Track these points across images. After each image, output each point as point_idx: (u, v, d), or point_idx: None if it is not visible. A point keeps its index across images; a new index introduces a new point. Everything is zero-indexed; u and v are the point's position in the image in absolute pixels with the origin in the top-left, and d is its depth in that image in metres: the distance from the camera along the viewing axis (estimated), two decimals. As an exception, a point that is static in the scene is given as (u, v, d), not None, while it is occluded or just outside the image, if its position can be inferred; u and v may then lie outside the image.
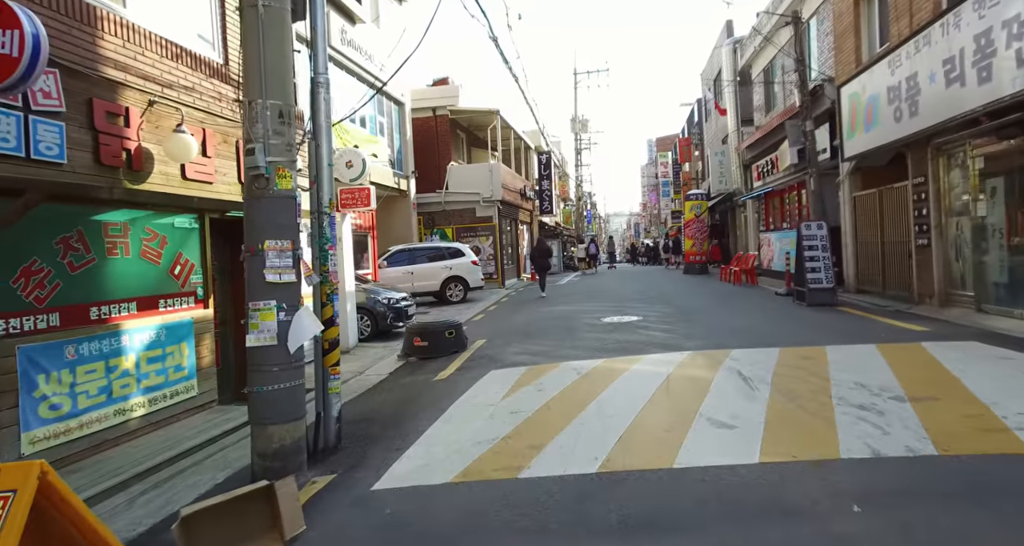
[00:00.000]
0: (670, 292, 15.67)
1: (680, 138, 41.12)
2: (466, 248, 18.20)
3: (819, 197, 13.18)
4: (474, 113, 22.38)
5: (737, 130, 22.67)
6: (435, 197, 21.99)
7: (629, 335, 8.76)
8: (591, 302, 14.11)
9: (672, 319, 10.11)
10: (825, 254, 10.70)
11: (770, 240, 17.69)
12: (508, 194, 23.18)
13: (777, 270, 16.90)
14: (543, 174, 30.69)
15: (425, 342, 8.90)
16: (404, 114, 20.18)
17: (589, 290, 18.51)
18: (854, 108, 11.00)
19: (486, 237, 22.01)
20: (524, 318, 12.04)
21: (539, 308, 13.70)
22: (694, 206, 23.18)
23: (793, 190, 16.44)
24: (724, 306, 11.71)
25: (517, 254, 26.02)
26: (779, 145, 17.00)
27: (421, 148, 22.30)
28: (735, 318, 9.83)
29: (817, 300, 10.50)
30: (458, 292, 17.42)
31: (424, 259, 17.62)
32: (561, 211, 45.55)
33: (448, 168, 21.93)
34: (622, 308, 12.19)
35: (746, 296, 13.34)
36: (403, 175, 19.98)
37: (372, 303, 10.92)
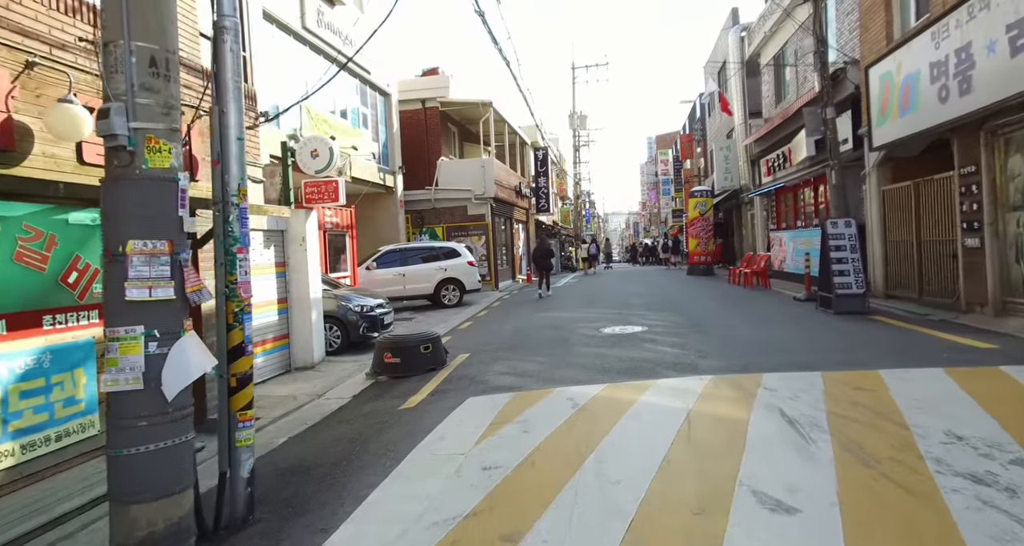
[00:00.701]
0: (676, 296, 14.42)
1: (681, 134, 39.90)
2: (462, 248, 16.96)
3: (841, 192, 11.94)
4: (465, 105, 21.13)
5: (744, 123, 21.43)
6: (424, 194, 20.75)
7: (634, 351, 7.51)
8: (590, 308, 12.86)
9: (682, 330, 8.87)
10: (854, 255, 9.46)
11: (782, 240, 16.46)
12: (502, 191, 21.94)
13: (791, 272, 15.67)
14: (540, 171, 29.42)
15: (397, 359, 7.65)
16: (390, 106, 18.93)
17: (588, 293, 17.26)
18: (885, 91, 9.76)
19: (478, 236, 20.76)
20: (516, 326, 10.79)
21: (533, 314, 12.45)
22: (698, 204, 21.95)
23: (808, 185, 15.21)
24: (739, 314, 10.46)
25: (512, 254, 24.77)
26: (792, 137, 15.77)
27: (409, 142, 21.05)
28: (755, 329, 8.59)
29: (846, 307, 9.26)
30: (454, 295, 16.19)
31: (417, 260, 16.37)
32: (559, 210, 44.32)
33: (438, 163, 20.68)
34: (624, 315, 10.95)
35: (761, 302, 12.10)
36: (389, 171, 18.74)
37: (343, 311, 9.66)
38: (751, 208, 22.96)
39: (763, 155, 19.47)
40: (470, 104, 21.03)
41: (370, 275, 15.71)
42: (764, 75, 19.65)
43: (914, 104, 8.79)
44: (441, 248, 16.80)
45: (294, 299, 8.78)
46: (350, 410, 6.34)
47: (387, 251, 16.36)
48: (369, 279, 15.67)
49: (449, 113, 22.17)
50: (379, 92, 18.30)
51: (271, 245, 8.38)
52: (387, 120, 18.89)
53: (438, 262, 16.32)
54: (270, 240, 8.37)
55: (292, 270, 8.78)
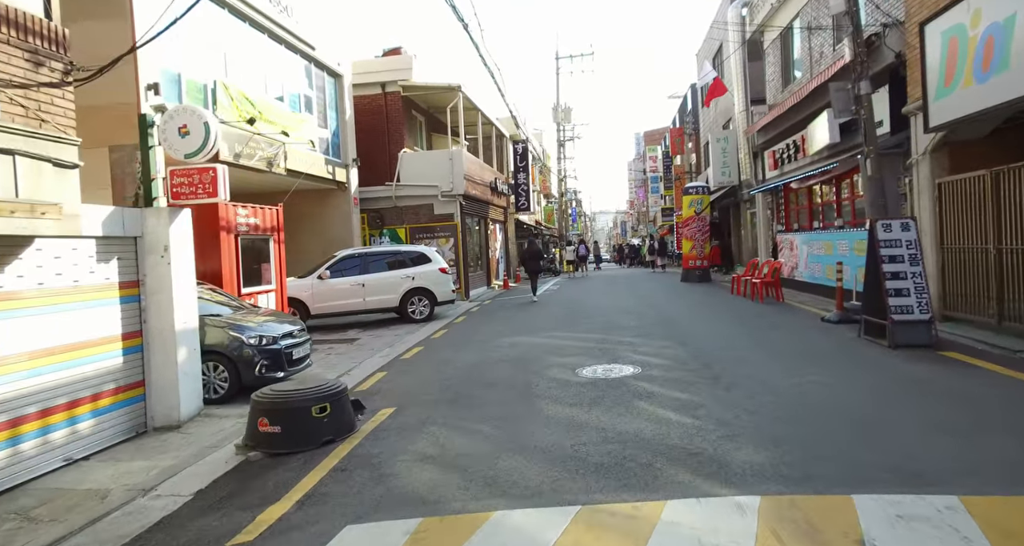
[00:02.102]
0: (673, 312, 12.06)
1: (672, 128, 37.67)
2: (432, 252, 14.51)
3: (879, 185, 9.63)
4: (431, 90, 18.64)
5: (745, 110, 19.13)
6: (384, 191, 18.24)
7: (623, 417, 5.10)
8: (568, 329, 10.45)
9: (689, 374, 6.46)
10: (915, 269, 7.11)
11: (793, 243, 14.16)
12: (474, 188, 19.49)
13: (806, 281, 13.37)
14: (519, 166, 27.01)
15: (276, 427, 5.19)
16: (342, 89, 16.41)
17: (570, 306, 14.84)
18: (952, 51, 7.43)
19: (446, 238, 18.29)
20: (471, 359, 8.35)
21: (498, 338, 10.02)
22: (694, 201, 19.63)
23: (829, 179, 12.89)
24: (759, 344, 8.08)
25: (487, 259, 22.34)
26: (806, 123, 13.46)
27: (367, 132, 18.52)
28: (793, 376, 6.17)
29: (905, 339, 6.91)
30: (423, 308, 13.78)
31: (380, 267, 13.92)
32: (543, 208, 41.93)
33: (400, 156, 18.18)
34: (610, 344, 8.55)
35: (782, 324, 9.73)
36: (341, 163, 16.23)
37: (234, 345, 7.16)
38: (751, 206, 20.70)
39: (768, 146, 17.18)
40: (436, 89, 18.54)
41: (323, 286, 13.26)
42: (769, 55, 17.36)
43: (1003, 63, 6.46)
44: (408, 253, 14.34)
45: (153, 331, 6.29)
46: (169, 529, 3.89)
47: (344, 257, 13.87)
48: (321, 291, 13.22)
49: (414, 99, 19.68)
50: (328, 72, 15.78)
51: (111, 258, 5.89)
52: (338, 105, 16.37)
53: (405, 269, 13.89)
54: (109, 250, 5.87)
55: (151, 292, 6.29)
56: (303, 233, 16.52)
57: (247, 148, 11.52)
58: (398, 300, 13.70)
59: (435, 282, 13.99)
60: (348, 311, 13.56)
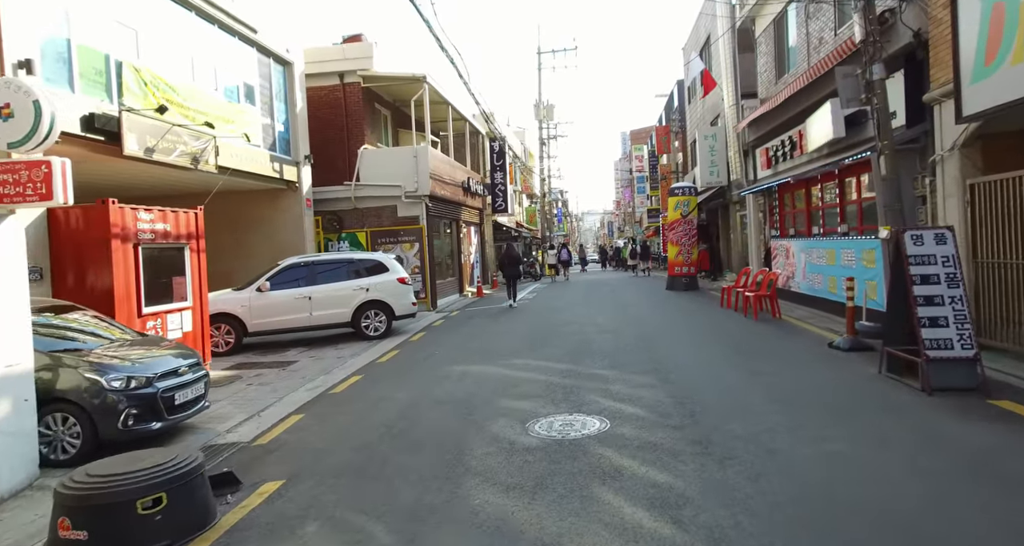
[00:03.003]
0: (656, 331, 10.60)
1: (657, 126, 36.31)
2: (391, 260, 12.97)
3: (895, 187, 8.22)
4: (394, 81, 17.05)
5: (735, 105, 17.72)
6: (343, 191, 16.65)
7: (570, 522, 3.57)
8: (534, 353, 8.93)
9: (673, 435, 4.93)
10: (955, 292, 5.66)
11: (789, 250, 12.75)
12: (442, 188, 17.94)
13: (804, 294, 11.96)
14: (496, 165, 25.47)
15: (82, 532, 3.63)
16: (292, 78, 14.80)
17: (542, 319, 13.34)
18: (996, 20, 6.01)
19: (410, 243, 16.73)
20: (404, 401, 6.81)
21: (447, 367, 8.49)
22: (680, 203, 18.19)
23: (831, 178, 11.48)
24: (760, 382, 6.59)
25: (459, 264, 20.78)
26: (804, 117, 12.05)
27: (324, 126, 16.92)
28: (812, 444, 4.62)
29: (945, 381, 5.47)
30: (379, 323, 12.24)
31: (330, 277, 12.34)
32: (524, 210, 40.45)
33: (359, 153, 16.60)
34: (577, 380, 7.05)
35: (783, 351, 8.23)
36: (291, 161, 14.63)
37: (90, 390, 5.57)
38: (741, 208, 19.31)
39: (761, 143, 15.78)
40: (400, 79, 16.95)
41: (262, 299, 11.68)
42: (761, 45, 15.96)
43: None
44: (363, 261, 12.76)
45: (-42, 379, 4.71)
46: None
47: (288, 267, 12.27)
48: (260, 305, 11.63)
49: (377, 91, 18.09)
50: (275, 59, 14.17)
51: None
52: (288, 96, 14.76)
53: (358, 280, 12.32)
54: None
55: (-45, 325, 4.73)
56: (250, 239, 14.91)
57: (163, 142, 9.88)
58: (350, 314, 12.14)
59: (393, 294, 12.45)
60: (292, 328, 11.97)
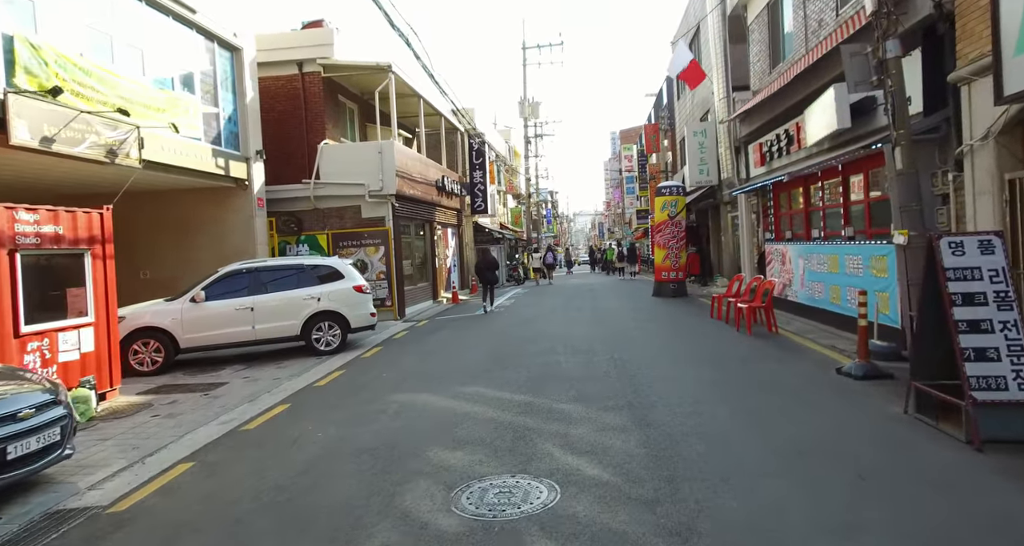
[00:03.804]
0: (636, 349, 9.33)
1: (646, 125, 35.14)
2: (346, 266, 11.64)
3: (913, 183, 7.00)
4: (357, 70, 15.72)
5: (726, 98, 16.52)
6: (301, 190, 15.31)
7: None
8: (490, 379, 7.65)
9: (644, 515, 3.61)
10: (1008, 316, 4.40)
11: (785, 255, 11.54)
12: (412, 186, 16.63)
13: (803, 304, 10.76)
14: (475, 163, 24.19)
15: None
16: (242, 65, 13.44)
17: (510, 333, 12.06)
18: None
19: (375, 247, 15.40)
20: (316, 451, 5.51)
21: (388, 397, 7.19)
22: (667, 203, 16.95)
23: (833, 175, 10.26)
24: (758, 426, 5.33)
25: (433, 269, 19.46)
26: (803, 107, 10.84)
27: (281, 120, 15.59)
28: (837, 535, 3.38)
29: (999, 432, 4.22)
30: (333, 336, 10.96)
31: (277, 286, 11.03)
32: (510, 211, 39.18)
33: (319, 148, 15.26)
34: (532, 421, 5.76)
35: (783, 379, 6.93)
36: (240, 157, 13.28)
37: None
38: (733, 209, 18.13)
39: (754, 138, 14.59)
40: (363, 69, 15.63)
41: (196, 311, 10.35)
42: (753, 32, 14.76)
43: None
44: (315, 267, 11.41)
45: None
46: None
47: (228, 274, 10.92)
48: (193, 317, 10.31)
49: (340, 82, 16.76)
50: (220, 44, 12.82)
51: None
52: (236, 85, 13.41)
53: (309, 288, 11.02)
54: None
55: None
56: (196, 243, 13.55)
57: (68, 131, 8.53)
58: (299, 327, 10.82)
59: (348, 303, 11.14)
60: (232, 343, 10.63)
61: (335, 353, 10.74)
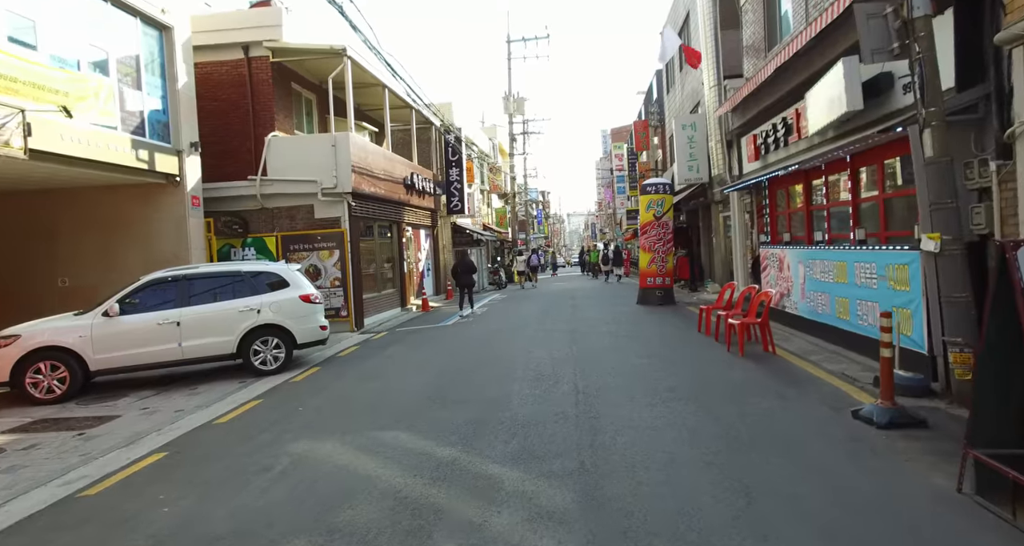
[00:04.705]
0: (605, 380, 7.82)
1: (636, 122, 33.72)
2: (292, 272, 10.15)
3: (947, 175, 5.57)
4: (309, 54, 14.21)
5: (717, 86, 15.09)
6: (247, 188, 13.79)
7: None
8: (416, 420, 6.17)
9: None
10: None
11: (784, 261, 10.11)
12: (373, 184, 15.13)
13: (804, 318, 9.32)
14: (451, 160, 22.71)
15: None
16: (172, 46, 11.88)
17: (468, 352, 10.60)
18: None
19: (329, 251, 13.89)
20: (163, 526, 4.03)
21: (287, 447, 5.71)
22: (653, 202, 15.50)
23: (840, 168, 8.81)
24: (755, 510, 3.88)
25: (401, 274, 17.96)
26: (804, 90, 9.39)
27: (224, 110, 14.05)
28: None
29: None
30: (276, 353, 9.53)
31: (209, 296, 9.54)
32: (494, 211, 37.72)
33: (267, 141, 13.75)
34: (448, 492, 4.30)
35: (788, 427, 5.41)
36: (170, 149, 11.73)
37: None
38: (725, 209, 16.69)
39: (747, 130, 13.15)
40: (316, 52, 14.12)
41: (110, 327, 8.89)
42: (747, 14, 13.32)
43: None
44: (256, 274, 9.91)
45: None
46: None
47: (150, 283, 9.41)
48: (106, 334, 8.86)
49: (293, 69, 15.24)
50: (144, 20, 11.28)
51: None
52: (166, 70, 11.87)
53: (247, 298, 9.55)
54: None
55: None
56: (121, 247, 12.03)
57: (-83, 113, 7.03)
58: (235, 344, 9.34)
59: (293, 315, 9.68)
60: (156, 363, 9.12)
61: (276, 374, 9.30)
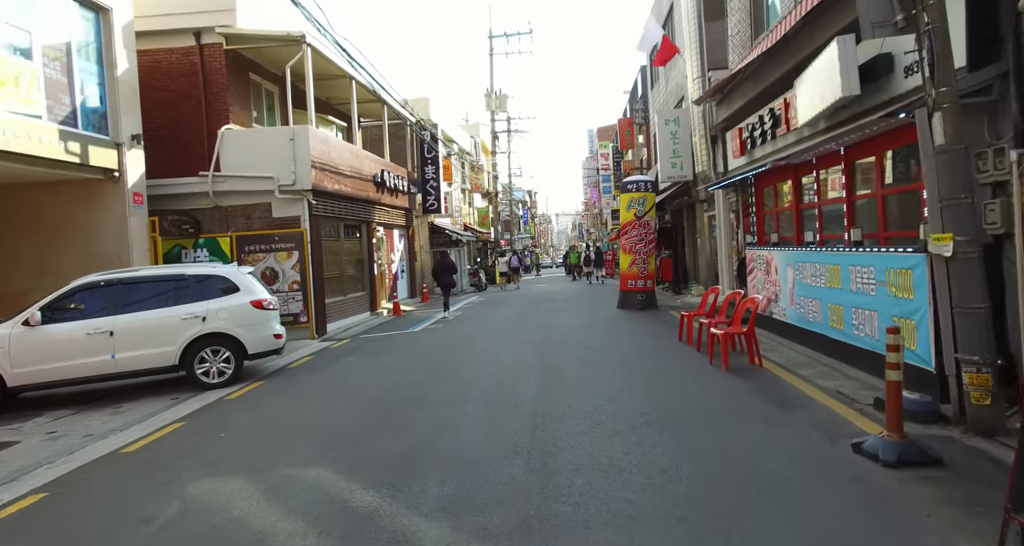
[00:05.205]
0: (571, 403, 6.96)
1: (621, 119, 32.98)
2: (243, 276, 9.23)
3: (960, 166, 4.79)
4: (266, 41, 13.27)
5: (702, 77, 14.31)
6: (198, 184, 12.84)
7: None
8: (343, 450, 5.30)
9: None
10: None
11: (770, 263, 9.33)
12: (337, 181, 14.21)
13: (793, 325, 8.54)
14: (426, 158, 21.82)
15: None
16: (110, 30, 10.87)
17: (422, 365, 9.76)
18: None
19: (287, 252, 12.95)
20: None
21: (192, 483, 4.82)
22: (634, 201, 14.70)
23: (833, 161, 8.04)
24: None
25: (371, 276, 17.03)
26: (793, 77, 8.61)
27: (175, 101, 13.09)
28: None
29: None
30: (223, 366, 8.65)
31: (147, 303, 8.60)
32: (476, 210, 36.86)
33: (220, 134, 12.79)
34: None
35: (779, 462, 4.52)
36: (108, 142, 10.75)
37: None
38: (709, 208, 15.94)
39: (733, 124, 12.39)
40: (273, 40, 13.19)
41: (30, 337, 7.98)
42: (733, 0, 12.57)
43: None
44: (202, 278, 8.98)
45: None
46: None
47: (80, 288, 8.49)
48: (26, 346, 7.95)
49: (252, 58, 14.27)
50: (77, 1, 10.31)
51: None
52: (103, 54, 10.89)
53: (191, 305, 8.64)
54: None
55: None
56: (56, 249, 11.04)
57: None
58: (177, 355, 8.42)
59: (243, 323, 8.79)
60: (86, 377, 8.18)
61: (226, 386, 8.48)
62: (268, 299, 9.23)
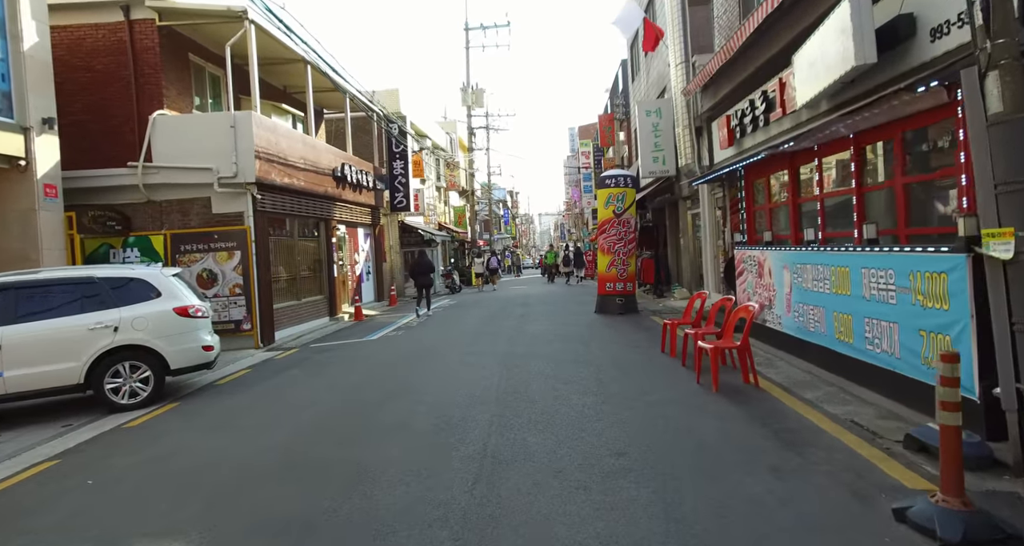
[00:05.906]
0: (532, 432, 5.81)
1: (601, 116, 31.93)
2: (164, 278, 7.90)
3: (1022, 138, 3.69)
4: (201, 16, 11.91)
5: (685, 63, 13.22)
6: (127, 176, 11.47)
7: None
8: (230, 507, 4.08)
9: None
10: None
11: (763, 265, 8.24)
12: (289, 174, 12.90)
13: (789, 335, 7.46)
14: (394, 152, 20.54)
15: None
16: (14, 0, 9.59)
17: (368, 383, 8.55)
18: None
19: (228, 252, 11.63)
20: None
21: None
22: (613, 197, 13.57)
23: (839, 148, 6.94)
24: None
25: (330, 279, 15.72)
26: (790, 53, 7.52)
27: (100, 82, 11.71)
28: None
29: None
30: (138, 384, 7.43)
31: (45, 311, 7.28)
32: (452, 209, 35.61)
33: (151, 120, 11.44)
34: None
35: (805, 538, 3.49)
36: (13, 126, 9.36)
37: None
38: (694, 205, 14.89)
39: (720, 112, 11.31)
40: (211, 15, 11.84)
41: None
42: (719, -23, 11.49)
43: None
44: (115, 282, 7.64)
45: None
46: None
47: None
48: None
49: (192, 37, 12.90)
50: (-28, -37, 8.93)
51: None
52: (7, 26, 9.50)
53: (100, 312, 7.36)
54: None
55: None
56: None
57: None
58: (83, 372, 7.13)
59: (164, 333, 7.52)
60: None
61: (144, 406, 7.25)
62: (196, 305, 7.95)
